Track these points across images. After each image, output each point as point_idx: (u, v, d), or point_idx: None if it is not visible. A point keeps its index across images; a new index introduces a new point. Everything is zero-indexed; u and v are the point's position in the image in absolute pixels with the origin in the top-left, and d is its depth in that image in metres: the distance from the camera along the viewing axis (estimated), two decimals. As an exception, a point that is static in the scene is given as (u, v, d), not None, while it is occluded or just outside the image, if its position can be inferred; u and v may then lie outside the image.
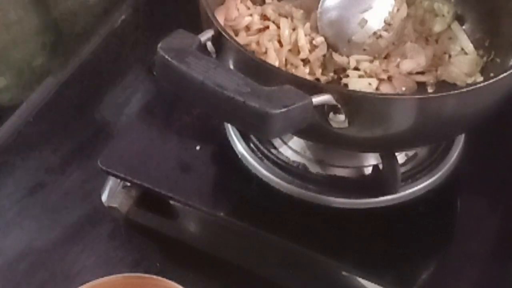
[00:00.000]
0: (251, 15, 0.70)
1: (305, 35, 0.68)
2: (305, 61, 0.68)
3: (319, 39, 0.68)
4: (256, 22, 0.70)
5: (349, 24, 0.67)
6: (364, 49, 0.68)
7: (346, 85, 0.66)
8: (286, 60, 0.68)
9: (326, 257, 0.65)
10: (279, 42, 0.68)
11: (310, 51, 0.68)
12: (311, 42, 0.68)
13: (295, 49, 0.68)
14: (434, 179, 0.68)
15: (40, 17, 0.84)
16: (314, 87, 0.55)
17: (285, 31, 0.68)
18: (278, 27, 0.69)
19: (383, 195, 0.66)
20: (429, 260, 0.66)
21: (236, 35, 0.69)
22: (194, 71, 0.53)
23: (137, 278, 0.59)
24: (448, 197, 0.70)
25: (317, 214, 0.66)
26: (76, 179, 0.74)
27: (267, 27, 0.69)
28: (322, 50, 0.68)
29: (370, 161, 0.68)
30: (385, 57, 0.69)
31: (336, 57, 0.68)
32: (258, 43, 0.68)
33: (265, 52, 0.67)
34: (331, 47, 0.68)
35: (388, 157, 0.64)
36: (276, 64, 0.66)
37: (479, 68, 0.69)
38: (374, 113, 0.55)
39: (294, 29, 0.69)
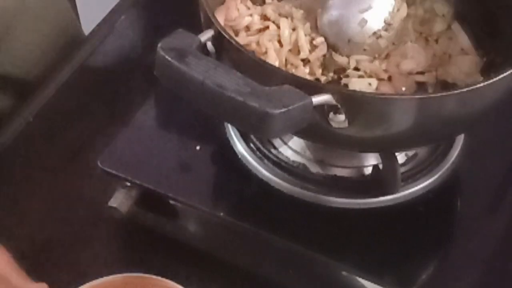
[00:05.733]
0: (251, 15, 0.70)
1: (305, 35, 0.68)
2: (305, 61, 0.68)
3: (319, 39, 0.68)
4: (256, 22, 0.69)
5: (349, 24, 0.67)
6: (364, 49, 0.68)
7: (346, 85, 0.66)
8: (286, 60, 0.67)
9: (326, 257, 0.64)
10: (279, 42, 0.68)
11: (310, 51, 0.68)
12: (311, 42, 0.68)
13: (295, 49, 0.68)
14: (434, 179, 0.68)
15: None
16: (314, 87, 0.55)
17: (285, 31, 0.68)
18: (278, 27, 0.69)
19: (383, 195, 0.66)
20: (429, 260, 0.66)
21: (236, 35, 0.69)
22: (194, 71, 0.53)
23: (137, 278, 0.59)
24: (448, 197, 0.70)
25: (317, 214, 0.66)
26: (76, 179, 0.74)
27: (267, 27, 0.69)
28: (322, 50, 0.68)
29: (370, 161, 0.68)
30: (385, 57, 0.69)
31: (336, 57, 0.68)
32: (258, 43, 0.68)
33: (265, 52, 0.67)
34: (331, 47, 0.68)
35: (388, 157, 0.64)
36: (276, 64, 0.66)
37: (479, 68, 0.69)
38: (374, 113, 0.56)
39: (294, 29, 0.69)
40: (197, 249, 0.68)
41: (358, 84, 0.66)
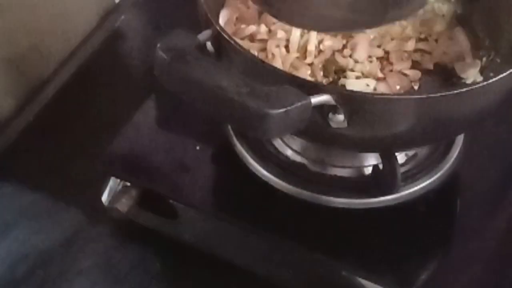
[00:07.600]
0: (257, 24, 0.70)
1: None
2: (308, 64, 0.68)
3: (326, 43, 0.68)
4: (262, 32, 0.69)
5: None
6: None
7: (343, 85, 0.66)
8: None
9: (326, 257, 0.64)
10: (286, 47, 0.68)
11: (316, 56, 0.68)
12: (318, 46, 0.68)
13: (303, 55, 0.68)
14: (434, 179, 0.68)
15: None
16: (313, 87, 0.55)
17: (296, 33, 0.68)
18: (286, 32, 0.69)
19: (383, 195, 0.66)
20: (429, 260, 0.66)
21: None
22: (193, 71, 0.53)
23: None
24: (448, 197, 0.70)
25: (317, 214, 0.66)
26: (76, 179, 0.74)
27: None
28: (326, 55, 0.68)
29: (370, 161, 0.68)
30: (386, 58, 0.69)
31: (338, 58, 0.68)
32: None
33: (272, 57, 0.67)
34: None
35: (388, 157, 0.64)
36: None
37: (479, 68, 0.69)
38: (373, 113, 0.55)
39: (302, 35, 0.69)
40: (197, 249, 0.68)
41: (356, 85, 0.66)
